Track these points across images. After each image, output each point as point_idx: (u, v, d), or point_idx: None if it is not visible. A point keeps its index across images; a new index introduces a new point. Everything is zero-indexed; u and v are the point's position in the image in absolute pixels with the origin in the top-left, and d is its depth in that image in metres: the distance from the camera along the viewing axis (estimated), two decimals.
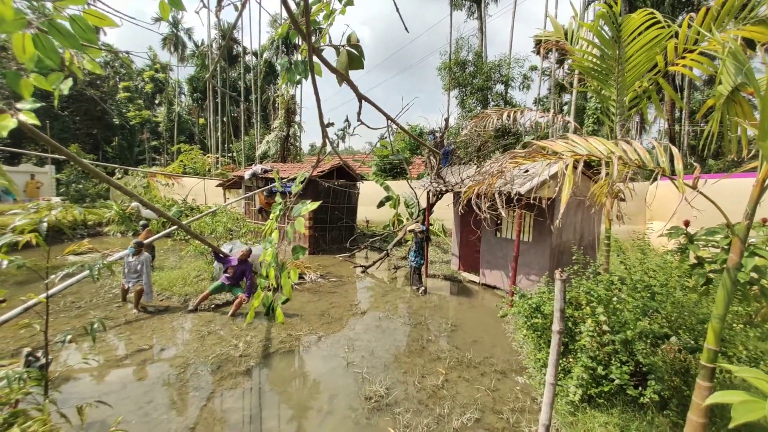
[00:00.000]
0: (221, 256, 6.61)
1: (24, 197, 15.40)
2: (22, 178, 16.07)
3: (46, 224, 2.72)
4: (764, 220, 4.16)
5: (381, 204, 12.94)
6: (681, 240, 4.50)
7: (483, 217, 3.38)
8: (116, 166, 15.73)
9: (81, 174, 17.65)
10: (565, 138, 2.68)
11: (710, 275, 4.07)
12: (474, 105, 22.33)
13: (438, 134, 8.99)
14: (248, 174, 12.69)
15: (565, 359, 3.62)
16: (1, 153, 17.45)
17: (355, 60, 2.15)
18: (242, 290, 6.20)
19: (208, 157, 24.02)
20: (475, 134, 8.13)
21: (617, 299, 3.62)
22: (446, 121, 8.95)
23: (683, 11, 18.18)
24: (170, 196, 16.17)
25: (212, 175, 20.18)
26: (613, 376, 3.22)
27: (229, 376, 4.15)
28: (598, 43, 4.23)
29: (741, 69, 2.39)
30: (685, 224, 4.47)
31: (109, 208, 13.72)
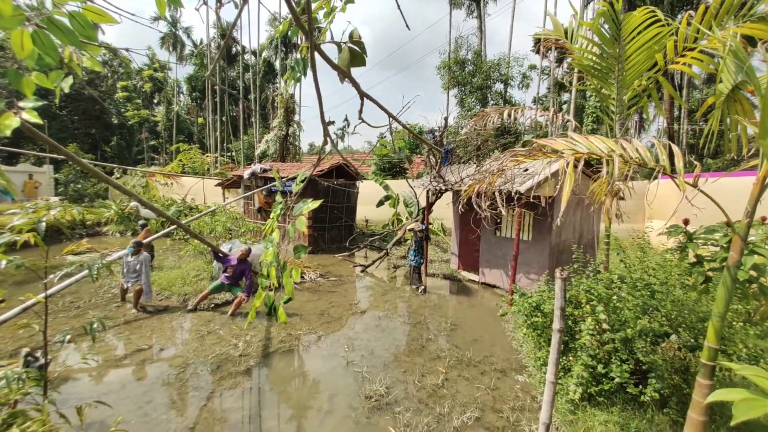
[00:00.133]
0: (220, 255, 6.60)
1: (22, 197, 15.36)
2: (20, 178, 16.02)
3: (44, 224, 2.71)
4: (763, 219, 4.17)
5: (380, 203, 12.93)
6: (680, 238, 4.51)
7: (483, 216, 3.38)
8: (115, 165, 15.70)
9: (79, 174, 17.60)
10: (565, 136, 2.68)
11: (709, 273, 4.08)
12: (473, 104, 22.33)
13: (437, 133, 8.98)
14: (247, 173, 12.69)
15: (565, 358, 3.62)
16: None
17: (358, 57, 2.14)
18: (241, 290, 6.19)
19: (207, 156, 24.01)
20: (475, 133, 8.13)
21: (617, 298, 3.62)
22: (446, 120, 8.94)
23: (682, 10, 18.19)
24: (169, 196, 16.15)
25: (211, 175, 20.16)
26: (613, 374, 3.22)
27: (229, 375, 4.14)
28: (598, 41, 4.22)
29: (741, 67, 2.40)
30: (685, 223, 4.49)
31: (107, 207, 13.68)
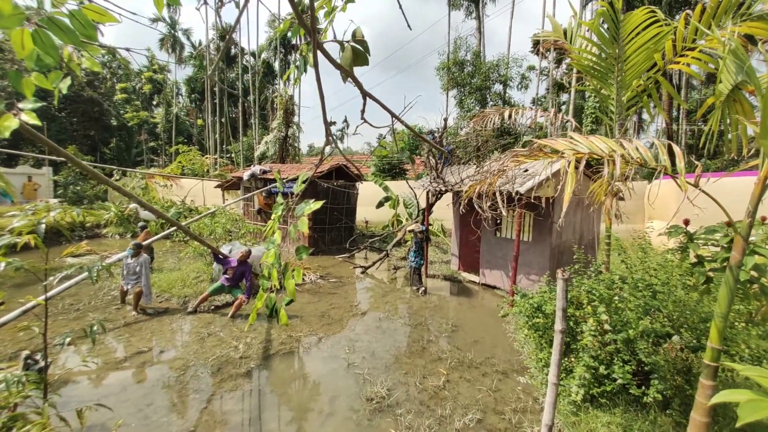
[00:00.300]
0: (220, 257, 6.59)
1: (21, 199, 15.33)
2: (19, 180, 16.00)
3: (44, 226, 2.70)
4: (764, 219, 4.16)
5: (380, 204, 12.92)
6: (681, 239, 4.50)
7: (483, 217, 3.38)
8: (114, 167, 15.70)
9: (79, 175, 17.57)
10: (566, 136, 2.68)
11: (710, 274, 4.07)
12: (472, 105, 22.37)
13: (437, 134, 8.98)
14: (247, 175, 12.67)
15: (566, 359, 3.61)
16: None
17: (360, 56, 2.12)
18: (242, 291, 6.17)
19: (207, 158, 24.03)
20: (474, 134, 8.13)
21: (619, 298, 3.61)
22: (445, 121, 8.94)
23: (680, 10, 18.25)
24: (169, 198, 16.13)
25: (211, 176, 20.14)
26: (615, 375, 3.21)
27: (229, 378, 4.13)
28: (597, 41, 4.23)
29: (742, 67, 2.39)
30: (685, 223, 4.48)
31: (107, 209, 13.65)
